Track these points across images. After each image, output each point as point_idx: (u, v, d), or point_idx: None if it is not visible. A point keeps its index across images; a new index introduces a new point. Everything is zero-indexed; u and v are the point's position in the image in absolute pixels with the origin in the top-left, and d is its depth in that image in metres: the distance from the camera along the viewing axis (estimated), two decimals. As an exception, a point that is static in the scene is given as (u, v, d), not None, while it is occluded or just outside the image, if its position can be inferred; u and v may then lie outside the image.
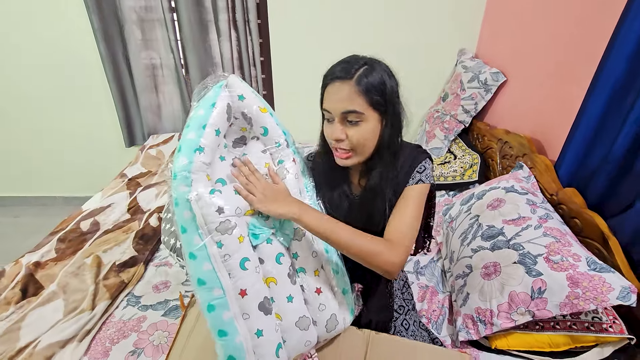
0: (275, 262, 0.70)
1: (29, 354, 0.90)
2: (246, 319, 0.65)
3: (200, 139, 0.66)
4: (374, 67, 0.70)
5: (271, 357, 0.66)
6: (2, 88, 2.16)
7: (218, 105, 0.69)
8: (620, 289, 0.80)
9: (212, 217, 0.63)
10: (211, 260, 0.63)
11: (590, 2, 1.17)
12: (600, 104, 1.05)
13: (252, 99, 0.74)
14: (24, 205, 2.59)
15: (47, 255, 1.26)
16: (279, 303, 0.70)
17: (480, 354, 0.95)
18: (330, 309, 0.75)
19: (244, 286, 0.64)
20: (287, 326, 0.70)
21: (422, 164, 0.80)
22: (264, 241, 0.69)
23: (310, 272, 0.75)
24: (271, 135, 0.77)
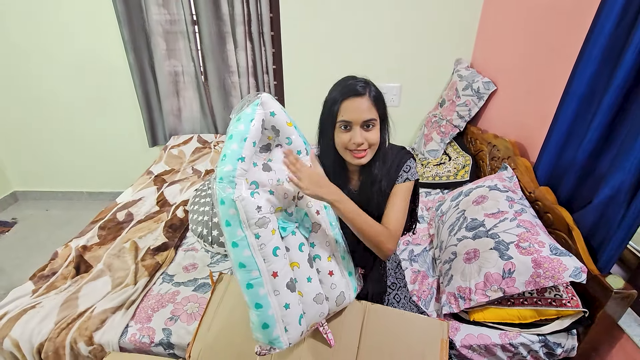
0: (298, 250, 0.87)
1: (88, 317, 1.10)
2: (277, 295, 0.81)
3: (242, 150, 0.79)
4: (372, 84, 0.91)
5: (295, 324, 0.83)
6: (39, 93, 2.38)
7: (255, 121, 0.82)
8: (573, 269, 0.97)
9: (253, 213, 0.77)
10: (250, 248, 0.78)
11: (562, 30, 1.35)
12: (569, 115, 1.21)
13: (281, 115, 0.88)
14: (53, 199, 2.82)
15: (92, 240, 1.46)
16: (300, 283, 0.86)
17: (461, 325, 1.12)
18: (339, 288, 0.92)
19: (275, 269, 0.80)
20: (307, 301, 0.87)
21: (407, 164, 0.99)
22: (289, 233, 0.86)
23: (324, 258, 0.92)
24: (294, 144, 0.92)
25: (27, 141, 2.56)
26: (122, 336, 1.08)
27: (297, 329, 0.83)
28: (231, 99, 2.36)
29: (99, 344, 1.06)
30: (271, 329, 0.80)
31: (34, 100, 2.41)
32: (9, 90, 2.37)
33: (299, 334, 0.84)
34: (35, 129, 2.52)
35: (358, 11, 2.06)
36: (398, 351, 0.96)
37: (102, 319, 1.10)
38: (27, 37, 2.20)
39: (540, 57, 1.48)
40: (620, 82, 1.02)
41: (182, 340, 1.07)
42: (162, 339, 1.08)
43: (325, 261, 0.91)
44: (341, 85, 0.91)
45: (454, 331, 1.10)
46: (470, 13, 2.03)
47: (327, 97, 0.93)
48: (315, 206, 0.94)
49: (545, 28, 1.46)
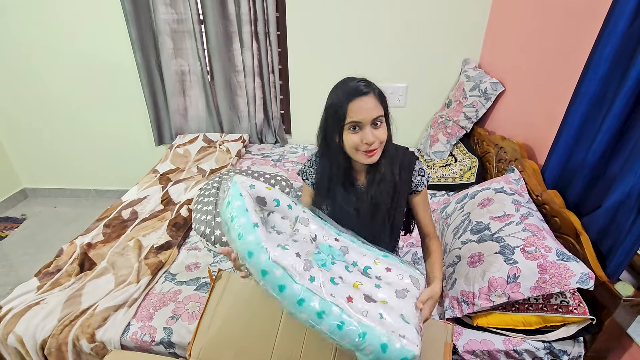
0: (347, 272, 0.84)
1: (91, 315, 1.11)
2: (366, 315, 0.75)
3: (250, 218, 0.79)
4: (374, 83, 0.92)
5: (405, 325, 0.76)
6: (48, 92, 2.42)
7: (244, 194, 0.85)
8: (580, 275, 0.95)
9: (297, 262, 0.76)
10: (314, 292, 0.74)
11: (572, 30, 1.32)
12: (578, 116, 1.18)
13: (259, 184, 0.91)
14: (61, 196, 2.86)
15: (97, 238, 1.47)
16: (374, 294, 0.81)
17: (464, 330, 1.10)
18: (406, 275, 0.87)
19: (345, 294, 0.76)
20: (394, 304, 0.80)
21: (420, 167, 1.02)
22: (330, 265, 0.84)
23: (372, 265, 0.88)
24: (282, 203, 0.92)
25: (37, 139, 2.61)
26: (123, 334, 1.08)
27: (412, 329, 0.76)
28: (237, 98, 2.36)
29: (101, 341, 1.07)
30: (391, 344, 0.71)
31: (44, 98, 2.44)
32: (19, 89, 2.41)
33: (416, 332, 0.76)
34: (44, 127, 2.56)
35: (364, 10, 2.04)
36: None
37: (105, 317, 1.11)
38: (36, 37, 2.23)
39: (550, 58, 1.45)
40: (633, 83, 0.99)
41: (182, 340, 1.08)
42: (163, 337, 1.08)
43: (374, 265, 0.88)
44: (343, 87, 0.90)
45: (457, 336, 1.08)
46: (479, 13, 2.00)
47: (329, 102, 0.92)
48: (330, 237, 0.92)
49: (555, 28, 1.43)
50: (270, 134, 2.45)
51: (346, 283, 0.81)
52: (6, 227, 2.50)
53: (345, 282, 0.81)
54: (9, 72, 2.36)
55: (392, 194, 0.99)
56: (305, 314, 0.72)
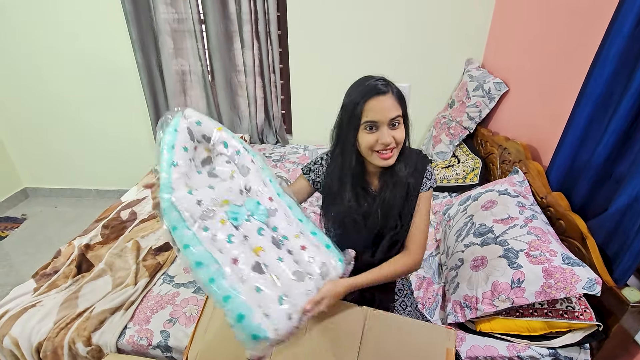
0: (258, 234, 0.81)
1: (87, 318, 1.10)
2: (244, 282, 0.73)
3: (173, 156, 0.79)
4: (393, 83, 0.89)
5: (276, 308, 0.73)
6: (49, 91, 2.41)
7: (179, 130, 0.83)
8: (587, 280, 0.93)
9: (195, 208, 0.75)
10: (202, 243, 0.73)
11: (577, 30, 1.29)
12: (584, 117, 1.16)
13: (208, 123, 0.88)
14: (62, 196, 2.85)
15: (95, 239, 1.46)
16: (271, 266, 0.78)
17: (467, 335, 1.08)
18: (318, 260, 0.84)
19: (234, 255, 0.74)
20: (285, 281, 0.77)
21: (429, 170, 0.98)
22: (243, 221, 0.82)
23: (291, 237, 0.85)
24: (230, 146, 0.90)
25: (38, 139, 2.60)
26: (120, 337, 1.07)
27: (281, 312, 0.73)
28: (237, 98, 2.35)
29: (97, 344, 1.05)
30: (249, 317, 0.70)
31: (44, 98, 2.43)
32: (19, 89, 2.41)
33: (285, 318, 0.73)
34: (45, 127, 2.55)
35: (366, 10, 2.02)
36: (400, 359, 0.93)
37: (101, 320, 1.10)
38: (37, 36, 2.22)
39: (554, 58, 1.43)
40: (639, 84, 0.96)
41: (179, 344, 1.06)
42: (160, 341, 1.06)
43: (294, 239, 0.85)
44: (361, 85, 0.87)
45: (460, 341, 1.06)
46: (482, 12, 1.98)
47: (345, 100, 0.90)
48: (265, 194, 0.89)
49: (560, 28, 1.40)
50: (271, 134, 2.43)
51: (246, 245, 0.78)
52: (7, 226, 2.49)
53: (247, 243, 0.79)
54: (10, 72, 2.36)
55: (405, 197, 0.96)
56: (188, 259, 0.73)
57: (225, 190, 0.85)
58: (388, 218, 0.96)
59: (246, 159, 0.92)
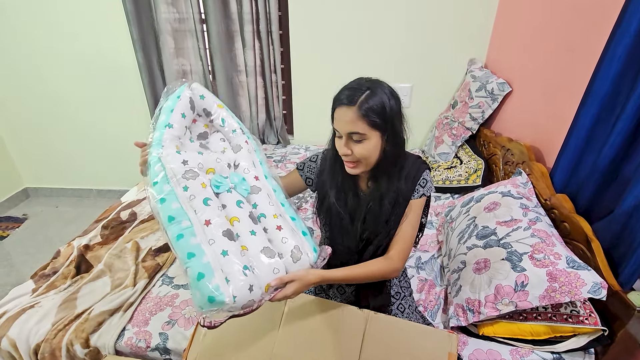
0: (236, 206, 0.81)
1: (85, 319, 1.09)
2: (212, 244, 0.72)
3: (169, 118, 0.83)
4: (376, 92, 0.81)
5: (239, 275, 0.71)
6: (50, 91, 2.41)
7: (182, 97, 0.87)
8: (592, 284, 0.91)
9: (179, 167, 0.78)
10: (179, 199, 0.74)
11: (581, 29, 1.27)
12: (589, 117, 1.14)
13: (211, 98, 0.92)
14: (62, 196, 2.86)
15: (94, 240, 1.45)
16: (243, 237, 0.78)
17: (469, 339, 1.06)
18: (292, 242, 0.82)
19: (207, 217, 0.74)
20: (254, 254, 0.77)
21: (423, 177, 0.94)
22: (224, 191, 0.82)
23: (269, 216, 0.85)
24: (228, 125, 0.94)
25: (39, 139, 2.60)
26: (118, 339, 1.06)
27: (243, 280, 0.71)
28: (239, 98, 2.34)
29: (95, 346, 1.04)
30: (207, 277, 0.68)
31: (45, 98, 2.43)
32: (20, 89, 2.41)
33: (246, 287, 0.70)
34: (46, 126, 2.55)
35: (368, 10, 2.01)
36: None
37: (99, 321, 1.09)
38: (37, 36, 2.22)
39: (559, 57, 1.41)
40: (647, 83, 0.94)
41: (178, 346, 1.05)
42: (158, 343, 1.05)
43: (272, 218, 0.84)
44: (341, 89, 0.86)
45: (462, 345, 1.04)
46: (485, 11, 1.96)
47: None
48: (252, 172, 0.90)
49: (565, 26, 1.38)
50: (272, 135, 2.42)
51: (222, 212, 0.79)
52: (7, 226, 2.49)
53: (223, 211, 0.79)
54: (10, 72, 2.35)
55: (393, 204, 0.93)
56: (162, 213, 0.75)
57: (214, 160, 0.87)
58: (375, 223, 0.94)
59: (240, 139, 0.95)
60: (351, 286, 1.06)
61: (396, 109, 0.85)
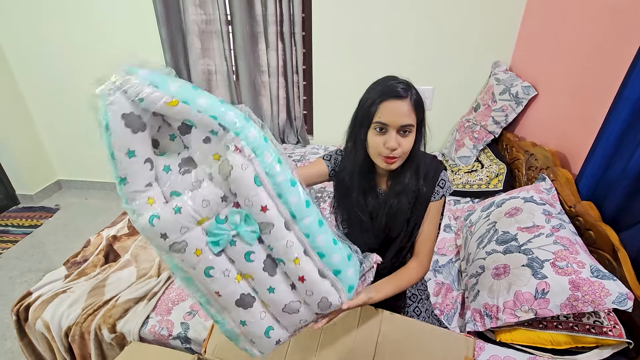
0: (245, 260, 0.68)
1: (112, 306, 1.15)
2: (229, 313, 0.70)
3: (116, 170, 0.60)
4: (415, 89, 0.86)
5: (262, 337, 0.72)
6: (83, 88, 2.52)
7: (111, 123, 0.57)
8: (617, 294, 0.88)
9: (162, 244, 0.62)
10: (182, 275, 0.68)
11: (613, 31, 1.23)
12: (619, 123, 1.11)
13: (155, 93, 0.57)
14: (92, 189, 2.99)
15: (122, 231, 1.52)
16: (262, 294, 0.71)
17: (486, 345, 1.05)
18: (319, 293, 0.71)
19: (215, 289, 0.67)
20: (276, 312, 0.72)
21: (442, 178, 0.95)
22: (227, 245, 0.66)
23: (289, 262, 0.69)
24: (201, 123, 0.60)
25: (73, 134, 2.73)
26: (142, 326, 1.11)
27: (267, 341, 0.72)
28: (261, 98, 2.38)
29: (121, 332, 1.10)
30: (236, 341, 0.74)
31: (79, 96, 2.55)
32: (57, 86, 2.54)
33: (272, 345, 0.74)
34: (79, 122, 2.67)
35: (391, 11, 2.00)
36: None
37: (125, 309, 1.14)
38: (74, 36, 2.34)
39: (588, 60, 1.37)
40: (683, 89, 0.91)
41: (198, 336, 1.09)
42: (179, 332, 1.10)
43: (292, 264, 0.68)
44: (381, 85, 0.85)
45: (478, 351, 1.03)
46: (511, 13, 1.92)
47: (364, 96, 0.88)
48: (258, 202, 0.63)
49: (596, 28, 1.34)
50: (292, 134, 2.46)
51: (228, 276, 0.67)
52: (41, 216, 2.64)
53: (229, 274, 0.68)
54: (49, 71, 2.49)
55: (413, 205, 0.94)
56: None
57: (200, 202, 0.62)
58: (394, 223, 0.95)
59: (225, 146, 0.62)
60: None
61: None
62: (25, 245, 2.33)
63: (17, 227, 2.51)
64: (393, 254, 0.97)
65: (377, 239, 0.97)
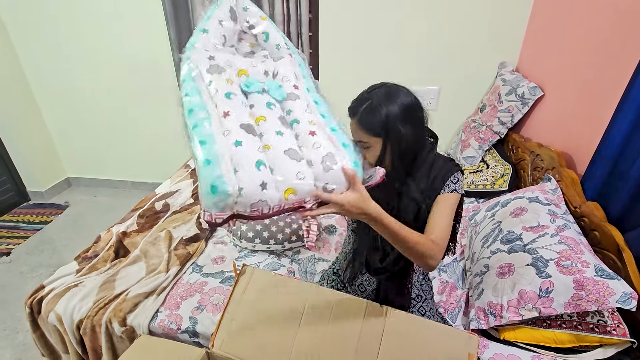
0: (265, 107, 0.75)
1: (123, 300, 1.18)
2: (227, 135, 0.67)
3: (205, 24, 0.84)
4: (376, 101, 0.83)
5: (250, 168, 0.65)
6: (94, 89, 2.57)
7: (220, 4, 0.87)
8: (621, 294, 0.89)
9: (204, 61, 0.77)
10: (200, 94, 0.73)
11: (620, 33, 1.23)
12: (625, 124, 1.11)
13: (255, 10, 0.89)
14: (101, 186, 3.03)
15: (131, 227, 1.55)
16: (267, 136, 0.71)
17: (490, 342, 1.06)
18: (325, 148, 0.72)
19: (227, 109, 0.70)
20: (276, 154, 0.69)
21: (455, 175, 0.93)
22: (255, 91, 0.76)
23: (304, 122, 0.75)
24: (271, 38, 0.89)
25: (82, 132, 2.78)
26: (152, 320, 1.13)
27: (253, 174, 0.65)
28: (267, 97, 2.40)
29: (131, 325, 1.12)
30: (214, 165, 0.63)
31: (89, 95, 2.61)
32: (68, 87, 2.59)
33: (257, 181, 0.64)
34: (89, 121, 2.72)
35: (397, 11, 2.02)
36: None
37: (135, 303, 1.17)
38: (87, 37, 2.38)
39: (595, 62, 1.37)
40: (689, 90, 0.91)
41: (206, 330, 1.11)
42: (188, 326, 1.12)
43: (306, 124, 0.75)
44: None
45: (482, 349, 1.04)
46: (518, 14, 1.92)
47: None
48: (292, 82, 0.82)
49: (603, 31, 1.34)
50: (298, 134, 2.47)
51: (246, 108, 0.74)
52: (52, 212, 2.68)
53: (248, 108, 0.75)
54: (61, 72, 2.53)
55: (416, 212, 0.92)
56: (185, 106, 0.73)
57: (249, 63, 0.81)
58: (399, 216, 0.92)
59: (284, 52, 0.88)
60: (372, 284, 1.08)
61: (399, 114, 0.84)
62: (35, 241, 2.38)
63: (27, 224, 2.56)
64: (396, 256, 0.98)
65: (379, 238, 0.97)
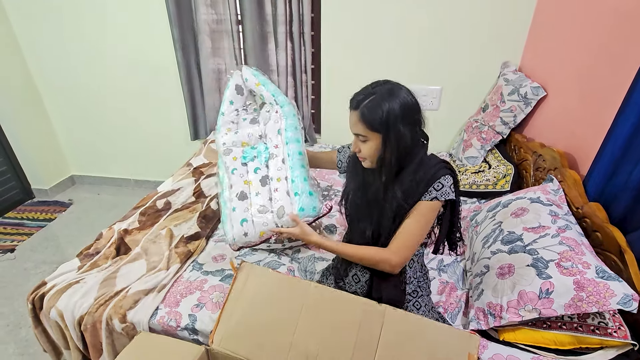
0: (253, 172, 1.17)
1: (123, 296, 1.18)
2: (231, 201, 1.14)
3: (222, 108, 1.23)
4: (380, 96, 0.86)
5: (237, 225, 1.11)
6: (98, 87, 2.59)
7: (230, 86, 1.23)
8: (622, 295, 0.88)
9: (220, 147, 1.20)
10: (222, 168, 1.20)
11: (623, 35, 1.22)
12: (628, 127, 1.10)
13: (252, 78, 1.22)
14: (104, 184, 3.06)
15: (132, 225, 1.56)
16: (251, 197, 1.13)
17: (489, 343, 1.06)
18: (280, 203, 1.10)
19: (232, 183, 1.16)
20: (254, 211, 1.11)
21: (439, 181, 0.91)
22: (249, 160, 1.18)
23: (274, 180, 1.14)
24: (266, 98, 1.22)
25: (86, 130, 2.80)
26: (152, 317, 1.14)
27: (239, 229, 1.11)
28: (269, 97, 2.41)
29: (131, 322, 1.13)
30: (224, 223, 1.16)
31: (93, 94, 2.62)
32: (72, 85, 2.61)
33: (241, 233, 1.11)
34: (92, 119, 2.75)
35: (399, 11, 2.01)
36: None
37: (136, 299, 1.18)
38: (91, 36, 2.40)
39: (599, 62, 1.36)
40: (693, 90, 0.90)
41: (206, 327, 1.12)
42: (187, 324, 1.13)
43: (275, 182, 1.13)
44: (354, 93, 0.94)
45: (481, 349, 1.04)
46: (521, 13, 1.91)
47: None
48: (274, 141, 1.17)
49: (606, 32, 1.33)
50: (300, 133, 2.49)
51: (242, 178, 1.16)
52: (55, 209, 2.71)
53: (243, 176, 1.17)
54: (66, 70, 2.55)
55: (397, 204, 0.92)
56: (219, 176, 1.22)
57: (246, 135, 1.20)
58: (380, 217, 0.96)
59: (272, 109, 1.20)
60: (365, 275, 1.08)
61: (399, 113, 0.85)
62: (39, 238, 2.40)
63: (32, 220, 2.58)
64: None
65: (369, 230, 0.99)
